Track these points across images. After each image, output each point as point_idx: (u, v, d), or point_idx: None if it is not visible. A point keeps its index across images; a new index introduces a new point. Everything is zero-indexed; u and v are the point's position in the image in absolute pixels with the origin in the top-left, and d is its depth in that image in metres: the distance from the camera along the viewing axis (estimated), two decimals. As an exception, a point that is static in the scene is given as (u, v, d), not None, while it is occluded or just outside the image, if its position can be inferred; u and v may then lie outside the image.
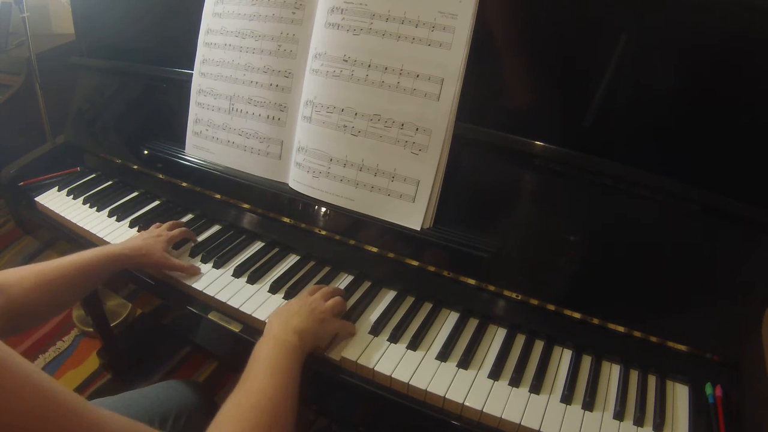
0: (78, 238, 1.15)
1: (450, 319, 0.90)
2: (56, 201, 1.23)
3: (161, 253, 0.96)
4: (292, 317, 0.77)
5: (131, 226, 1.13)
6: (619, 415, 0.75)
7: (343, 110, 0.94)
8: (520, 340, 0.87)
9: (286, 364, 0.70)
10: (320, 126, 0.96)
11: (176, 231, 1.03)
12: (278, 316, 0.80)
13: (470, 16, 0.85)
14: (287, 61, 1.01)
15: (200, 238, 1.09)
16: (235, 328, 0.91)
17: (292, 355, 0.71)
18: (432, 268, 0.93)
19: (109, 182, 1.30)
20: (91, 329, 1.80)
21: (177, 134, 1.17)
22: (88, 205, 1.21)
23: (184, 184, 1.17)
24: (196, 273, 0.98)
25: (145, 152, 1.20)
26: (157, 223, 1.06)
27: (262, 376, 0.67)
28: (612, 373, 0.82)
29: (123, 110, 1.30)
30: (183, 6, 1.16)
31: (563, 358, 0.85)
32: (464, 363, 0.81)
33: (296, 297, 0.87)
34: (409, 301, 0.94)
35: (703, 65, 0.78)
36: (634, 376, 0.82)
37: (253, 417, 0.61)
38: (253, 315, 0.89)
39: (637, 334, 0.82)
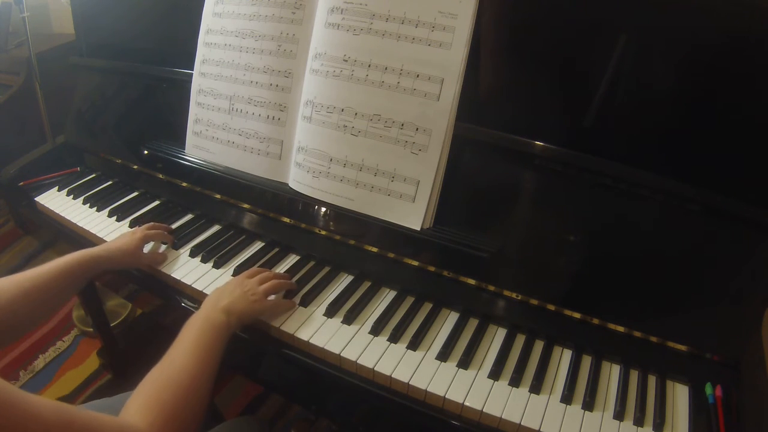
0: (78, 238, 1.15)
1: (450, 319, 0.90)
2: (56, 201, 1.23)
3: (135, 250, 0.98)
4: (224, 297, 0.83)
5: (131, 225, 1.13)
6: (619, 415, 0.75)
7: (343, 110, 0.94)
8: (520, 340, 0.87)
9: (210, 341, 0.75)
10: (320, 126, 0.96)
11: (153, 232, 1.04)
12: (213, 294, 0.86)
13: (470, 16, 0.85)
14: (287, 61, 1.01)
15: (200, 238, 1.09)
16: (235, 328, 0.90)
17: (216, 333, 0.77)
18: (432, 268, 0.93)
19: (109, 182, 1.30)
20: (91, 329, 1.80)
21: (177, 134, 1.17)
22: (88, 205, 1.21)
23: (184, 184, 1.17)
24: (165, 259, 1.02)
25: (145, 152, 1.20)
26: (137, 227, 1.07)
27: (186, 352, 0.73)
28: (612, 373, 0.82)
29: (123, 110, 1.30)
30: (183, 6, 1.16)
31: (563, 358, 0.85)
32: (464, 363, 0.81)
33: (235, 277, 0.93)
34: (409, 301, 0.94)
35: (703, 65, 0.78)
36: (634, 376, 0.82)
37: (171, 388, 0.66)
38: (253, 315, 0.89)
39: (637, 334, 0.82)
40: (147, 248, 1.04)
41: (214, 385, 0.74)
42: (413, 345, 0.84)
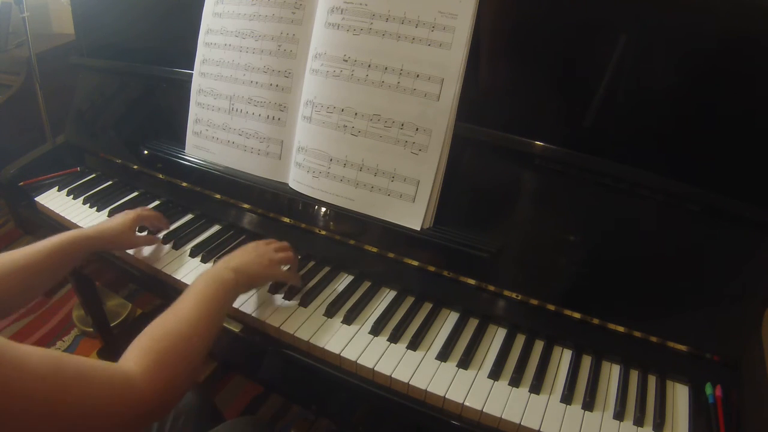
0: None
1: (450, 319, 0.91)
2: (56, 201, 1.23)
3: (128, 231, 0.98)
4: (235, 258, 0.84)
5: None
6: (619, 415, 0.75)
7: (343, 110, 0.94)
8: (520, 340, 0.87)
9: (214, 295, 0.75)
10: (320, 126, 0.96)
11: (147, 213, 1.04)
12: (228, 256, 0.86)
13: (470, 16, 0.85)
14: (287, 61, 1.01)
15: (200, 238, 1.09)
16: (234, 328, 0.91)
17: (222, 289, 0.77)
18: (432, 268, 0.93)
19: (109, 182, 1.30)
20: (91, 329, 1.80)
21: (177, 134, 1.17)
22: (88, 205, 1.21)
23: (184, 184, 1.17)
24: (154, 242, 1.04)
25: (145, 152, 1.20)
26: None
27: (189, 304, 0.72)
28: (612, 373, 0.82)
29: (123, 110, 1.30)
30: (183, 6, 1.16)
31: (563, 358, 0.85)
32: (464, 363, 0.81)
33: (253, 242, 0.92)
34: (409, 301, 0.94)
35: (703, 65, 0.78)
36: (634, 376, 0.82)
37: (169, 336, 0.66)
38: (252, 315, 0.89)
39: (637, 334, 0.82)
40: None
41: (214, 385, 0.75)
42: (413, 345, 0.84)
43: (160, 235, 1.07)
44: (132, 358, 0.62)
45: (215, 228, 1.13)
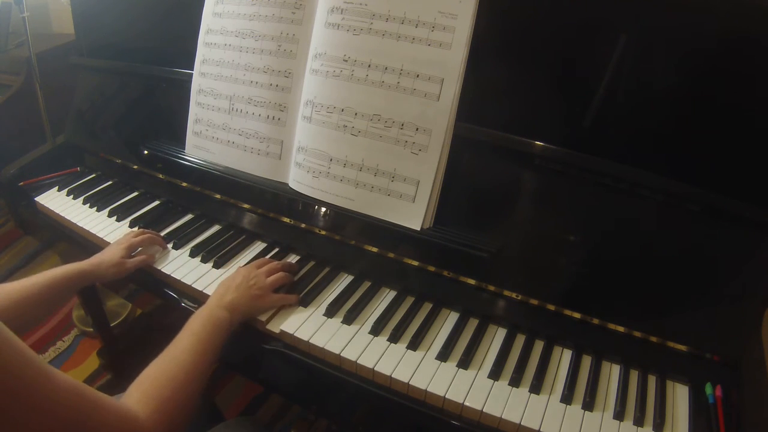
0: (78, 238, 1.15)
1: (450, 319, 0.90)
2: (56, 201, 1.23)
3: (120, 261, 0.98)
4: (229, 293, 0.86)
5: (131, 225, 1.13)
6: (619, 415, 0.75)
7: (343, 110, 0.94)
8: (520, 340, 0.87)
9: (210, 337, 0.78)
10: (320, 126, 0.96)
11: (139, 239, 1.03)
12: (220, 287, 0.89)
13: (470, 16, 0.85)
14: (287, 61, 1.01)
15: (200, 238, 1.09)
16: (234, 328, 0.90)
17: (217, 330, 0.80)
18: (432, 268, 0.93)
19: (109, 182, 1.30)
20: (91, 329, 1.80)
21: (177, 134, 1.17)
22: (88, 205, 1.21)
23: (184, 184, 1.17)
24: (151, 260, 1.02)
25: (145, 152, 1.20)
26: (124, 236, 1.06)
27: (187, 348, 0.76)
28: (612, 373, 0.82)
29: (123, 110, 1.30)
30: (183, 6, 1.15)
31: (563, 358, 0.85)
32: (464, 363, 0.81)
33: (244, 267, 0.94)
34: (409, 301, 0.94)
35: (703, 65, 0.78)
36: (634, 376, 0.82)
37: (171, 384, 0.70)
38: (253, 315, 0.89)
39: (637, 334, 0.82)
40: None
41: (214, 385, 0.76)
42: (413, 345, 0.84)
43: (155, 252, 1.05)
44: (138, 402, 0.65)
45: (215, 228, 1.13)
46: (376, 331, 0.87)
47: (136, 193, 1.25)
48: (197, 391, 0.73)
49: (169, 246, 1.06)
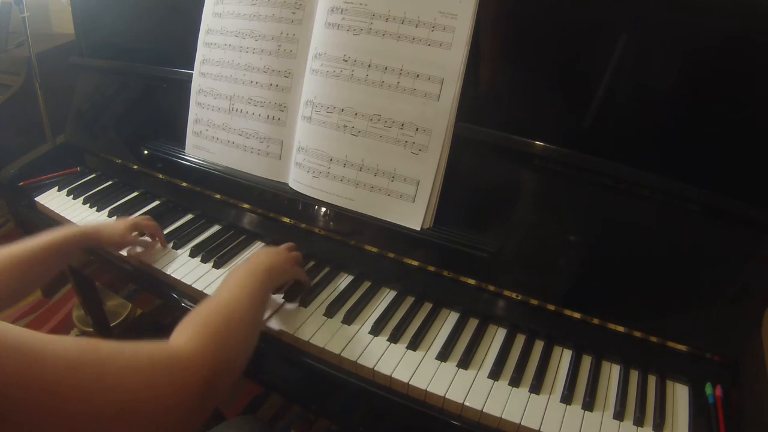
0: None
1: (450, 319, 0.90)
2: (56, 201, 1.23)
3: (124, 231, 1.00)
4: (257, 255, 0.87)
5: (131, 226, 1.13)
6: (619, 415, 0.75)
7: (343, 110, 0.94)
8: (520, 340, 0.87)
9: (256, 286, 0.76)
10: (320, 126, 0.96)
11: (145, 221, 1.05)
12: (252, 256, 0.89)
13: (470, 16, 0.85)
14: (287, 61, 1.01)
15: (200, 238, 1.09)
16: (235, 328, 0.90)
17: (260, 281, 0.78)
18: (432, 268, 0.93)
19: (109, 182, 1.30)
20: (91, 329, 1.80)
21: (177, 134, 1.17)
22: (88, 205, 1.21)
23: (184, 184, 1.17)
24: (152, 246, 1.05)
25: (145, 152, 1.20)
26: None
27: (234, 289, 0.73)
28: (612, 373, 0.82)
29: (123, 110, 1.30)
30: (183, 6, 1.16)
31: (563, 358, 0.85)
32: (464, 363, 0.81)
33: (268, 247, 0.99)
34: (409, 301, 0.94)
35: (703, 65, 0.78)
36: (634, 376, 0.82)
37: (221, 314, 0.65)
38: (253, 315, 0.89)
39: (637, 334, 0.82)
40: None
41: None
42: (413, 345, 0.84)
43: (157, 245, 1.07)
44: (181, 334, 0.59)
45: (215, 228, 1.13)
46: (376, 331, 0.86)
47: (136, 193, 1.25)
48: (250, 330, 0.68)
49: (170, 246, 1.06)
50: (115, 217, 1.16)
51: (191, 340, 0.57)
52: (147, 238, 1.06)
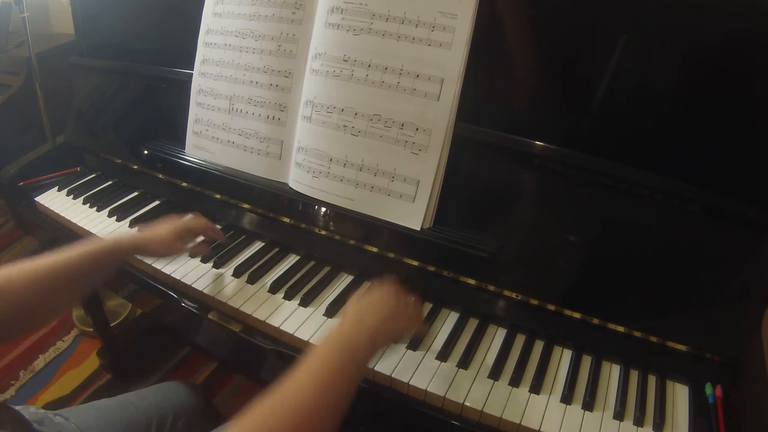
0: (78, 238, 1.15)
1: (450, 319, 0.90)
2: (56, 201, 1.23)
3: (169, 237, 0.90)
4: (369, 313, 0.68)
5: (131, 225, 1.13)
6: (619, 415, 0.75)
7: (343, 110, 0.94)
8: (520, 340, 0.87)
9: (346, 366, 0.61)
10: (320, 126, 0.96)
11: (195, 222, 0.95)
12: (355, 307, 0.70)
13: (470, 16, 0.85)
14: (287, 61, 1.01)
15: (200, 238, 1.09)
16: (235, 328, 0.91)
17: (356, 359, 0.63)
18: (432, 268, 0.93)
19: (109, 182, 1.30)
20: (91, 329, 1.80)
21: (177, 134, 1.17)
22: (88, 205, 1.21)
23: (184, 184, 1.17)
24: (207, 252, 0.99)
25: (145, 152, 1.20)
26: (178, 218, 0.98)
27: (311, 375, 0.58)
28: (612, 373, 0.82)
29: (123, 110, 1.30)
30: (183, 6, 1.15)
31: (563, 358, 0.85)
32: (464, 363, 0.81)
33: (380, 288, 0.74)
34: (409, 301, 0.94)
35: (703, 65, 0.78)
36: (634, 376, 0.82)
37: (283, 417, 0.53)
38: (253, 315, 0.89)
39: (637, 334, 0.82)
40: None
41: (214, 385, 0.71)
42: (413, 345, 0.84)
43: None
44: None
45: (215, 228, 1.13)
46: (376, 331, 0.86)
47: (136, 193, 1.25)
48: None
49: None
50: (115, 219, 1.15)
51: None
52: (199, 242, 0.97)
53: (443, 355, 0.82)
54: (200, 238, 1.00)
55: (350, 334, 0.65)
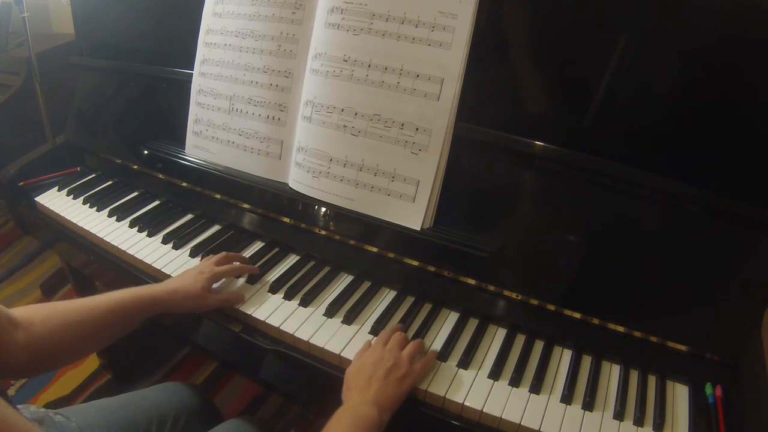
0: (78, 238, 1.15)
1: (450, 319, 0.90)
2: (56, 201, 1.23)
3: (201, 293, 0.88)
4: (370, 384, 0.73)
5: (131, 226, 1.13)
6: (619, 415, 0.75)
7: (343, 110, 0.94)
8: (520, 340, 0.87)
9: None
10: (320, 126, 0.96)
11: (225, 267, 0.93)
12: (356, 378, 0.74)
13: (470, 16, 0.85)
14: (287, 61, 1.01)
15: (200, 239, 1.09)
16: (235, 328, 0.91)
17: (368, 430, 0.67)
18: (432, 268, 0.93)
19: (109, 182, 1.30)
20: (91, 329, 1.80)
21: (177, 134, 1.17)
22: (88, 205, 1.21)
23: (184, 184, 1.17)
24: (240, 300, 0.92)
25: (145, 152, 1.20)
26: (210, 256, 0.98)
27: None
28: (612, 373, 0.82)
29: (123, 110, 1.30)
30: (183, 6, 1.16)
31: (563, 358, 0.85)
32: (464, 363, 0.81)
33: (371, 350, 0.79)
34: (409, 301, 0.94)
35: (703, 65, 0.78)
36: (634, 376, 0.82)
37: None
38: (253, 315, 0.90)
39: (637, 334, 0.82)
40: (216, 285, 0.94)
41: (214, 385, 0.72)
42: (413, 345, 0.84)
43: (241, 281, 0.96)
44: None
45: (215, 228, 1.13)
46: (376, 331, 0.87)
47: (136, 193, 1.25)
48: None
49: (169, 246, 1.07)
50: (115, 219, 1.15)
51: None
52: (232, 292, 0.93)
53: (443, 356, 0.82)
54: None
55: (359, 409, 0.69)
